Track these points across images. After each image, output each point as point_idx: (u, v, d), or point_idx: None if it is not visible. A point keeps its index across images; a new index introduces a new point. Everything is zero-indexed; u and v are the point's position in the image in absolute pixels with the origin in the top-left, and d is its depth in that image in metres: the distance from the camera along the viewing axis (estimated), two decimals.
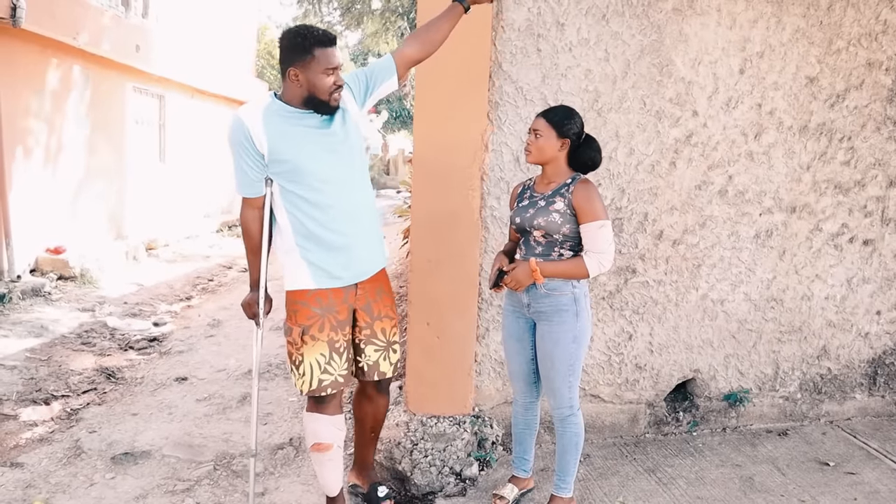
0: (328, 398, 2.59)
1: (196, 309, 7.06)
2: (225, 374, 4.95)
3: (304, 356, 2.52)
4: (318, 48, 2.36)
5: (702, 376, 3.67)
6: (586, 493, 3.05)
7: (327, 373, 2.54)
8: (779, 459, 3.41)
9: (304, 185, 2.45)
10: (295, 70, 2.39)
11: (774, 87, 3.45)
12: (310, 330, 2.51)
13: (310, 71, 2.37)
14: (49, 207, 7.79)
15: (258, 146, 2.42)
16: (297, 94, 2.43)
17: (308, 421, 2.65)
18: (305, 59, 2.37)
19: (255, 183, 2.49)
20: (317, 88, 2.39)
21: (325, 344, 2.53)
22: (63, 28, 7.48)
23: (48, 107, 7.77)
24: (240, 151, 2.44)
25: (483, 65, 3.17)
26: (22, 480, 3.31)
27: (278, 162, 2.44)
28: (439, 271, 3.27)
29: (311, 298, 2.52)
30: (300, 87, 2.41)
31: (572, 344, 2.66)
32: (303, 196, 2.46)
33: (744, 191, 3.51)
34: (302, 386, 2.56)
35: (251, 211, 2.55)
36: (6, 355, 5.05)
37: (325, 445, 2.60)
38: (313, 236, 2.48)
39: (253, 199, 2.53)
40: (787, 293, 3.68)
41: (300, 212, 2.47)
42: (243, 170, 2.46)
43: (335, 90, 2.41)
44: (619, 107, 3.32)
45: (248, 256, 2.63)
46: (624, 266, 3.47)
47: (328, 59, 2.37)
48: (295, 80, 2.40)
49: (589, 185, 2.63)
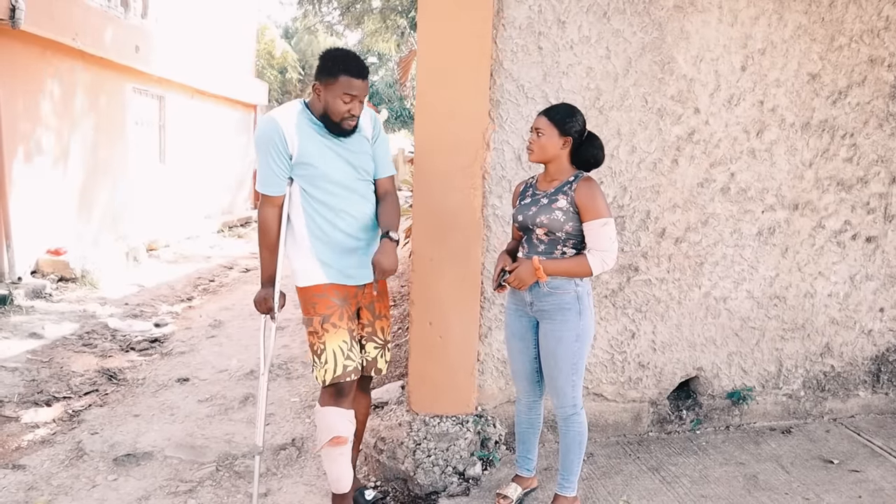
0: (346, 391, 2.65)
1: (197, 309, 7.05)
2: (227, 374, 4.94)
3: (327, 344, 2.60)
4: (343, 75, 2.48)
5: (705, 374, 3.66)
6: (590, 492, 3.04)
7: (350, 359, 2.63)
8: (783, 457, 3.40)
9: (323, 189, 2.58)
10: (318, 85, 2.54)
11: (776, 84, 3.44)
12: (330, 318, 2.61)
13: (330, 92, 2.50)
14: (50, 209, 7.79)
15: (290, 147, 2.55)
16: (317, 108, 2.58)
17: (324, 415, 2.66)
18: (329, 80, 2.50)
19: (281, 182, 2.60)
20: (331, 109, 2.52)
21: (345, 332, 2.63)
22: (62, 29, 7.48)
23: (48, 108, 7.76)
24: (270, 150, 2.54)
25: (484, 63, 3.16)
26: (24, 482, 3.30)
27: (303, 165, 2.57)
28: (441, 270, 3.26)
29: (329, 290, 2.63)
30: (319, 103, 2.56)
31: (575, 342, 2.65)
32: (321, 200, 2.59)
33: (746, 188, 3.50)
34: (325, 375, 2.61)
35: (271, 209, 2.64)
36: (7, 357, 5.04)
37: (343, 439, 2.64)
38: (328, 238, 2.61)
39: (274, 198, 2.63)
40: (789, 290, 3.67)
41: (318, 214, 2.60)
42: (271, 168, 2.57)
43: (348, 118, 2.54)
44: (620, 104, 3.31)
45: (263, 253, 2.70)
46: (626, 264, 3.46)
47: (349, 87, 2.49)
48: (317, 94, 2.56)
49: (592, 183, 2.62)
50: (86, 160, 8.55)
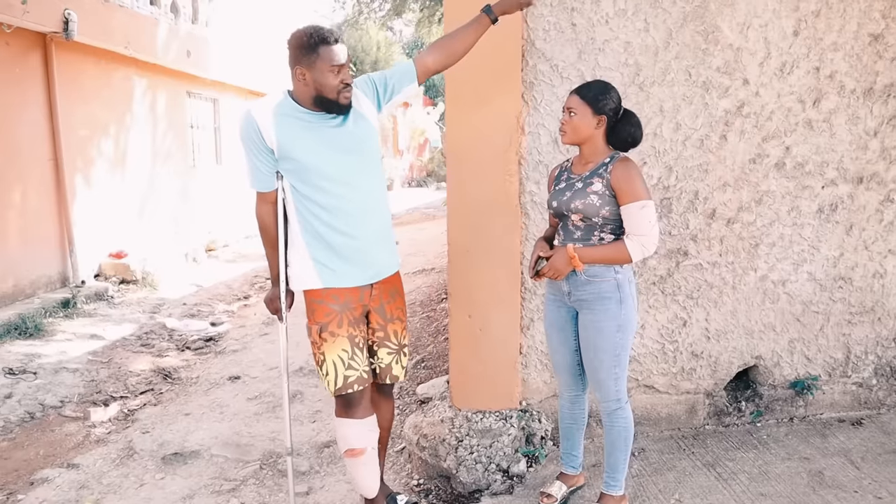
0: (356, 400, 2.52)
1: (252, 308, 7.14)
2: (276, 372, 4.97)
3: (326, 355, 2.47)
4: (322, 46, 2.33)
5: (764, 363, 3.44)
6: (640, 490, 2.89)
7: (352, 368, 2.48)
8: (852, 451, 3.15)
9: (311, 185, 2.42)
10: (301, 69, 2.37)
11: (833, 48, 3.18)
12: (328, 327, 2.46)
13: (315, 70, 2.34)
14: (111, 213, 8.03)
15: (268, 142, 2.40)
16: (305, 94, 2.41)
17: (337, 427, 2.59)
18: (310, 58, 2.34)
19: (267, 177, 2.48)
20: (324, 87, 2.36)
21: (345, 339, 2.48)
22: (114, 38, 7.68)
23: (106, 115, 8.00)
24: (250, 146, 2.43)
25: (515, 44, 3.03)
26: (76, 481, 3.38)
27: (286, 160, 2.42)
28: (478, 261, 3.16)
29: (326, 295, 2.48)
30: (308, 87, 2.38)
31: (617, 333, 2.51)
32: (310, 196, 2.43)
33: (803, 162, 3.26)
34: (329, 386, 2.51)
35: (265, 205, 2.54)
36: (70, 358, 5.20)
37: (359, 451, 2.54)
38: (320, 236, 2.45)
39: (266, 194, 2.52)
40: (856, 271, 3.40)
41: (308, 211, 2.44)
42: (255, 164, 2.45)
43: (343, 88, 2.37)
44: (662, 80, 3.12)
45: (267, 251, 2.61)
46: (675, 248, 3.27)
47: (332, 57, 2.34)
48: (302, 79, 2.38)
49: (629, 164, 2.47)
50: (144, 164, 8.79)
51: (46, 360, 5.08)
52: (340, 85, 2.36)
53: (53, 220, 7.13)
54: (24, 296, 6.63)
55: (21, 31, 6.45)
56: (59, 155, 7.12)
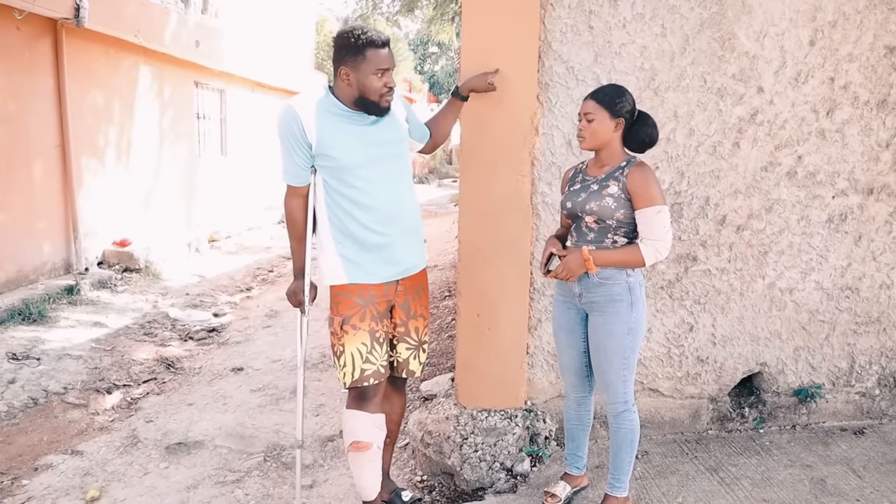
0: (370, 394, 2.54)
1: (255, 300, 7.16)
2: (280, 364, 4.98)
3: (346, 346, 2.50)
4: (369, 49, 2.37)
5: (769, 370, 3.45)
6: (643, 493, 2.90)
7: (369, 362, 2.51)
8: (854, 460, 3.17)
9: (345, 182, 2.45)
10: (346, 69, 2.40)
11: (849, 59, 3.19)
12: (351, 319, 2.49)
13: (360, 72, 2.38)
14: (115, 202, 8.04)
15: (308, 136, 2.43)
16: (347, 94, 2.44)
17: (347, 418, 2.60)
18: (356, 60, 2.37)
19: (302, 171, 2.51)
20: (367, 89, 2.40)
21: (366, 333, 2.51)
22: (124, 26, 7.67)
23: (113, 103, 8.00)
24: (290, 140, 2.45)
25: (532, 45, 3.03)
26: (80, 468, 3.39)
27: (324, 156, 2.45)
28: (489, 260, 3.16)
29: (352, 290, 2.51)
30: (350, 87, 2.42)
31: (627, 336, 2.52)
32: (343, 193, 2.46)
33: (815, 172, 3.27)
34: (344, 378, 2.53)
35: (296, 199, 2.56)
36: (73, 345, 5.21)
37: (364, 445, 2.54)
38: (350, 233, 2.48)
39: (298, 188, 2.54)
40: (863, 281, 3.42)
41: (339, 208, 2.48)
42: (292, 158, 2.47)
43: (386, 92, 2.42)
44: (677, 85, 3.13)
45: (293, 244, 2.63)
46: (684, 253, 3.29)
47: (379, 61, 2.38)
48: (346, 79, 2.42)
49: (645, 168, 2.48)
50: (150, 153, 8.79)
51: (50, 346, 5.09)
52: (384, 88, 2.40)
53: (59, 206, 7.13)
54: (28, 282, 6.64)
55: (32, 17, 6.45)
56: (66, 142, 7.12)
